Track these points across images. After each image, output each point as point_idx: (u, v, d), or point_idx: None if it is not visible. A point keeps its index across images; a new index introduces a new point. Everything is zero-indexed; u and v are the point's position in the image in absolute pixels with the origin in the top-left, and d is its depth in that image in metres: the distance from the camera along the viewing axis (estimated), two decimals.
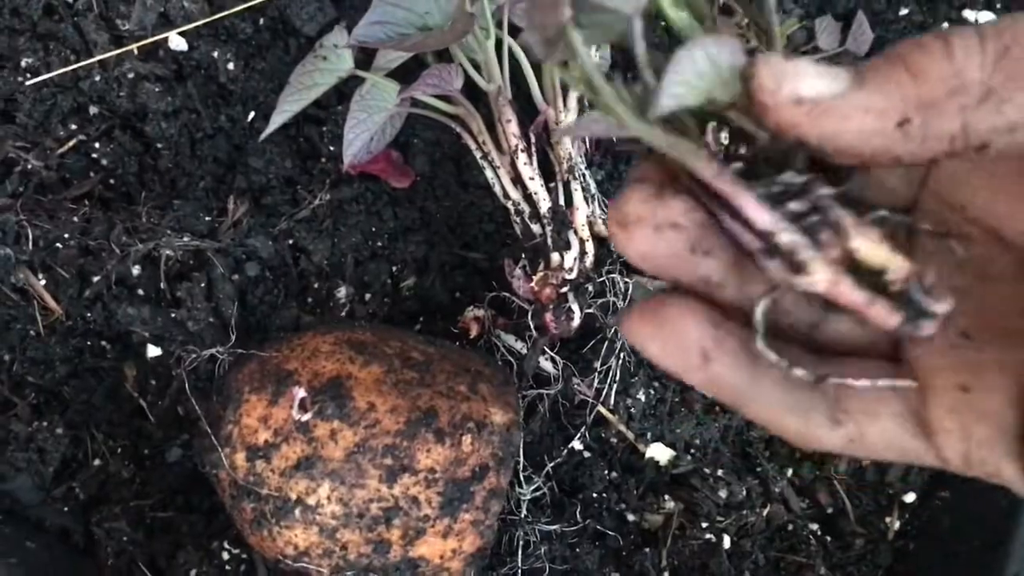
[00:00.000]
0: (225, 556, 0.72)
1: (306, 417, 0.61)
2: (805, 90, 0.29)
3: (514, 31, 0.76)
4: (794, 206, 0.30)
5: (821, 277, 0.29)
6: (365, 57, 0.78)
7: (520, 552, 0.74)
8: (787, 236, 0.29)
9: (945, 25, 0.97)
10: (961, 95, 0.28)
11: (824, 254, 0.29)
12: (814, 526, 0.83)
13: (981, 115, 0.28)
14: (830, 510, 0.84)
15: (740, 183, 0.30)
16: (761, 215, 0.29)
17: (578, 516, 0.77)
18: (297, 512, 0.61)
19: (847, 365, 0.33)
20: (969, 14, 0.97)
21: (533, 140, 0.75)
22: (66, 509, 0.72)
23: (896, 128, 0.28)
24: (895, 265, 0.30)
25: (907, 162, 0.29)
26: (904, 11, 0.96)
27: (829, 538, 0.83)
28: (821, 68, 0.29)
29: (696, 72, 0.30)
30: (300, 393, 0.62)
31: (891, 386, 0.32)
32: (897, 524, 0.85)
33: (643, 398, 0.80)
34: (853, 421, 0.32)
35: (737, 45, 0.30)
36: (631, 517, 0.81)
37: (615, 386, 0.77)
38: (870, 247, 0.30)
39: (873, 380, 0.32)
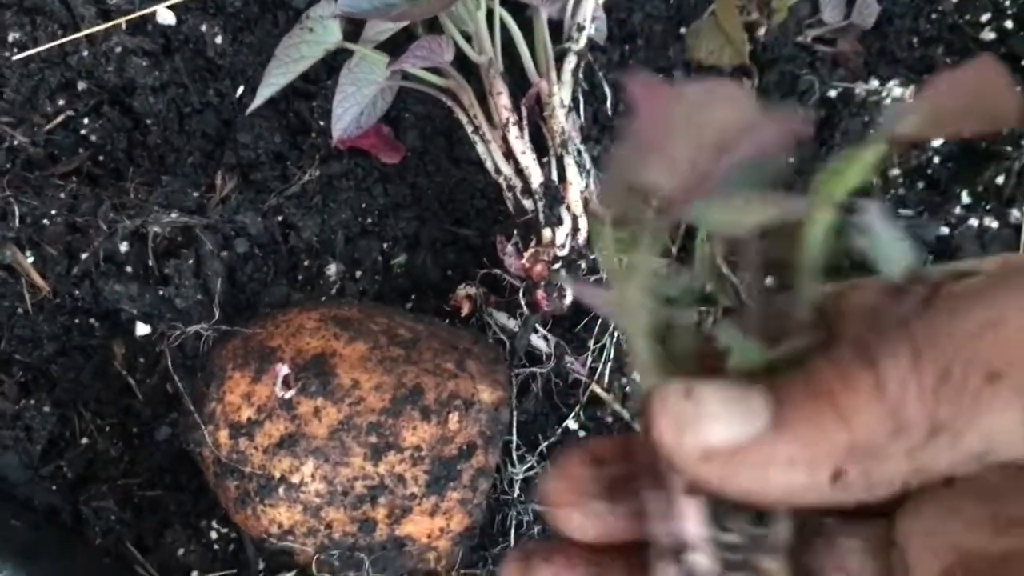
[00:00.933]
0: (213, 535, 0.72)
1: (289, 394, 0.60)
2: (713, 439, 0.23)
3: (506, 1, 0.74)
4: (729, 539, 0.25)
5: None
6: (354, 29, 0.76)
7: (513, 532, 0.73)
8: (701, 559, 0.25)
9: (954, 0, 0.94)
10: (904, 436, 0.22)
11: None
12: None
13: (934, 453, 0.22)
14: None
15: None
16: (694, 527, 0.25)
17: None
18: (281, 490, 0.60)
19: None
20: None
21: (525, 113, 0.73)
22: (54, 488, 0.72)
23: (831, 482, 0.23)
24: None
25: (855, 508, 0.24)
26: None
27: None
28: (731, 403, 0.24)
29: None
30: (283, 370, 0.61)
31: None
32: None
33: (638, 377, 0.78)
34: None
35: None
36: None
37: (609, 364, 0.76)
38: None
39: None
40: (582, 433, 0.78)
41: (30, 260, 0.75)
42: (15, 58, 0.79)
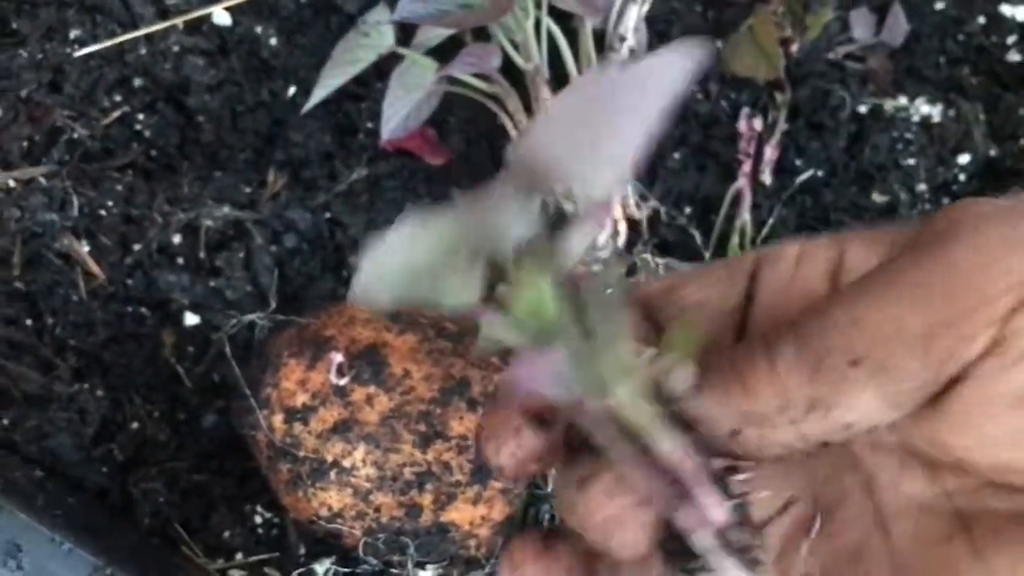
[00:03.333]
0: (258, 519, 0.74)
1: (343, 382, 0.63)
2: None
3: (553, 11, 0.77)
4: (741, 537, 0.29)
5: None
6: (404, 35, 0.79)
7: (546, 525, 0.76)
8: (738, 536, 0.29)
9: (981, 20, 0.97)
10: (789, 410, 0.28)
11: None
12: None
13: (812, 425, 0.28)
14: None
15: (702, 471, 0.29)
16: (717, 511, 0.29)
17: None
18: (332, 474, 0.62)
19: None
20: (1007, 9, 0.97)
21: None
22: (105, 469, 0.74)
23: (729, 436, 0.29)
24: None
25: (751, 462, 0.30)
26: (940, 5, 0.96)
27: None
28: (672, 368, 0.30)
29: None
30: (338, 358, 0.63)
31: None
32: None
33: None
34: None
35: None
36: None
37: None
38: None
39: None
40: None
41: (86, 249, 0.78)
42: (76, 55, 0.82)
